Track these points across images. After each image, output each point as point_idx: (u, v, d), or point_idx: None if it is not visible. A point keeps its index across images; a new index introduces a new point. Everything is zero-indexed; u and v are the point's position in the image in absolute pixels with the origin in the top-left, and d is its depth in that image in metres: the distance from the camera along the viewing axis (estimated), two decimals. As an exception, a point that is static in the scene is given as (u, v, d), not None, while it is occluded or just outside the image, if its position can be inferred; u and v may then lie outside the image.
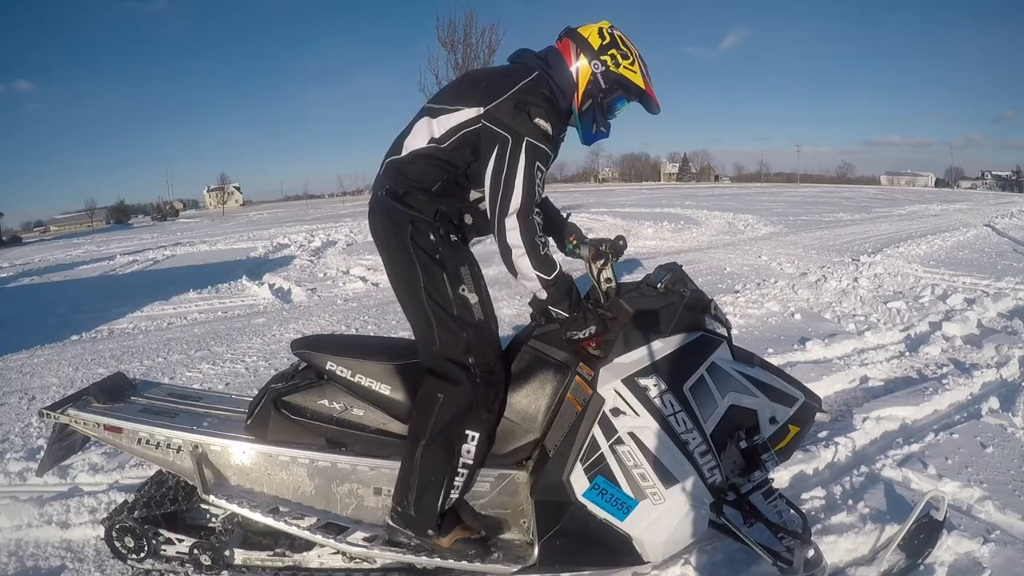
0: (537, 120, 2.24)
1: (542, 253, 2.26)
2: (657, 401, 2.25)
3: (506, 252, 2.25)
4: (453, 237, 2.42)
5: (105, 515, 2.78)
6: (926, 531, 2.58)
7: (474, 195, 2.44)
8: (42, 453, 2.85)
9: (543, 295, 2.31)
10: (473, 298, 2.37)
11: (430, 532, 2.37)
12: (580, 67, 2.39)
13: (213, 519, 2.70)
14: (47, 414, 2.64)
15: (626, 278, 2.65)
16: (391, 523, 2.40)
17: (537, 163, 2.24)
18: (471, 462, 2.36)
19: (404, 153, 2.42)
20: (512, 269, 2.28)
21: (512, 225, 2.21)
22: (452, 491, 2.36)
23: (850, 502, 3.02)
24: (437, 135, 2.36)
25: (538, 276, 2.26)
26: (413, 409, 2.39)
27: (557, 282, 2.29)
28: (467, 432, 2.33)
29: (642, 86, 2.44)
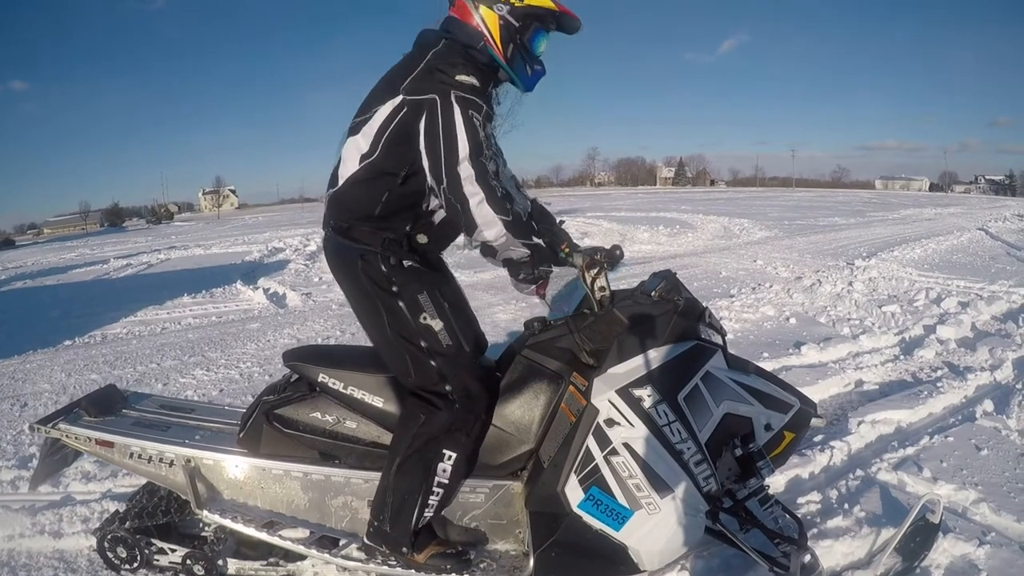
0: (459, 76, 2.16)
1: (499, 194, 2.17)
2: (651, 411, 2.24)
3: (463, 203, 2.13)
4: (407, 263, 2.33)
5: (98, 525, 2.76)
6: (922, 534, 2.58)
7: (430, 205, 2.35)
8: (34, 463, 2.83)
9: (503, 240, 2.20)
10: (437, 325, 2.31)
11: (403, 549, 2.34)
12: (484, 17, 2.28)
13: (206, 528, 2.68)
14: (38, 428, 2.62)
15: (620, 285, 2.64)
16: (367, 540, 2.39)
17: (472, 112, 2.14)
18: (447, 481, 2.33)
19: (340, 183, 2.35)
20: (471, 223, 2.17)
21: (467, 172, 2.11)
22: (427, 509, 2.33)
23: (846, 506, 3.02)
24: (365, 148, 2.28)
25: (501, 219, 2.15)
26: (396, 425, 2.38)
27: (516, 219, 2.20)
28: (444, 452, 2.31)
29: (552, 7, 2.32)
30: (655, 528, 2.25)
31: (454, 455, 2.32)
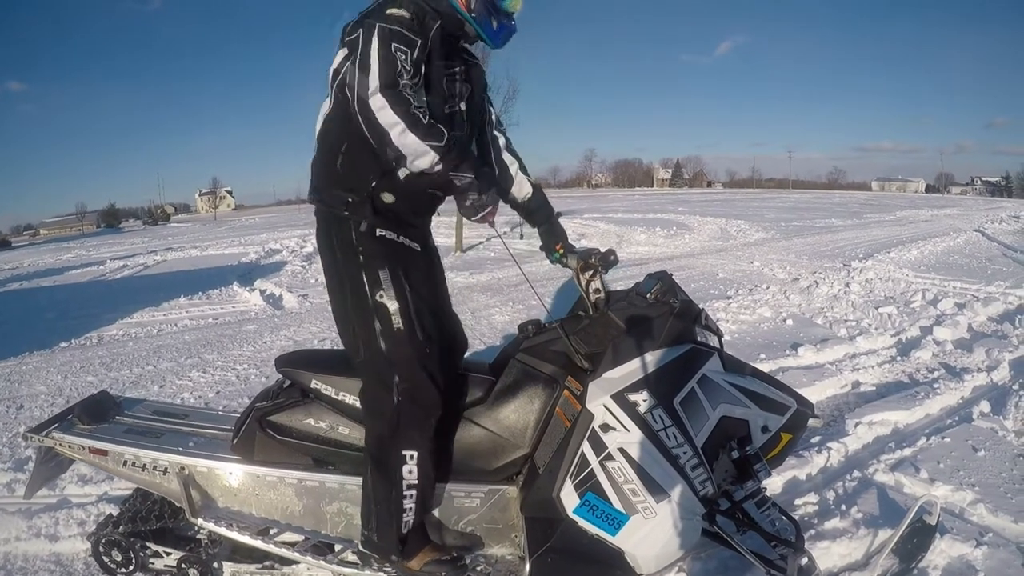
0: (389, 10, 2.05)
1: (426, 122, 2.02)
2: (647, 416, 2.23)
3: (384, 136, 2.00)
4: (380, 232, 2.23)
5: (93, 528, 2.75)
6: (919, 536, 2.58)
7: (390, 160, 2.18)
8: (31, 466, 2.82)
9: (439, 169, 2.09)
10: (392, 305, 2.21)
11: (393, 557, 2.31)
12: None
13: (201, 532, 2.67)
14: (31, 437, 2.60)
15: (616, 286, 2.63)
16: (362, 548, 2.37)
17: (394, 43, 2.01)
18: (416, 482, 2.25)
19: (315, 147, 2.34)
20: (397, 153, 2.04)
21: (380, 103, 1.97)
22: (405, 514, 2.27)
23: (843, 507, 3.02)
24: (327, 108, 2.26)
25: (431, 147, 2.02)
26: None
27: (451, 147, 2.07)
28: (403, 453, 2.23)
29: None
30: (651, 532, 2.24)
31: (415, 453, 2.24)
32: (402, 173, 2.19)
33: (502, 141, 2.68)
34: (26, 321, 8.72)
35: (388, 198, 2.23)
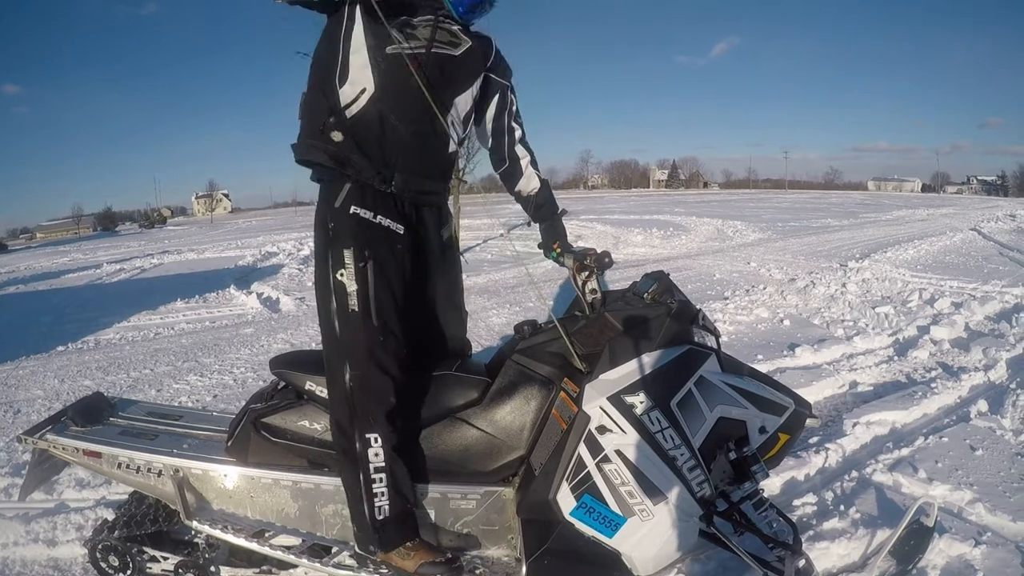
0: None
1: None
2: (644, 418, 2.22)
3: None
4: (355, 209, 2.20)
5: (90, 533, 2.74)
6: (916, 537, 2.57)
7: (344, 95, 2.21)
8: (25, 471, 2.81)
9: None
10: (351, 286, 2.17)
11: (371, 547, 2.28)
12: None
13: (198, 536, 2.66)
14: (25, 439, 2.59)
15: (613, 286, 2.63)
16: (358, 549, 2.35)
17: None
18: (383, 464, 2.21)
19: None
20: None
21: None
22: (377, 499, 2.21)
23: (841, 508, 3.02)
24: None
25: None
26: None
27: None
28: (367, 436, 2.19)
29: None
30: (649, 534, 2.23)
31: (377, 436, 2.20)
32: (350, 112, 2.19)
33: (518, 133, 2.67)
34: (22, 325, 8.69)
35: (337, 136, 2.21)
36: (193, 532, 2.65)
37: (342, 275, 2.17)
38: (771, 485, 3.28)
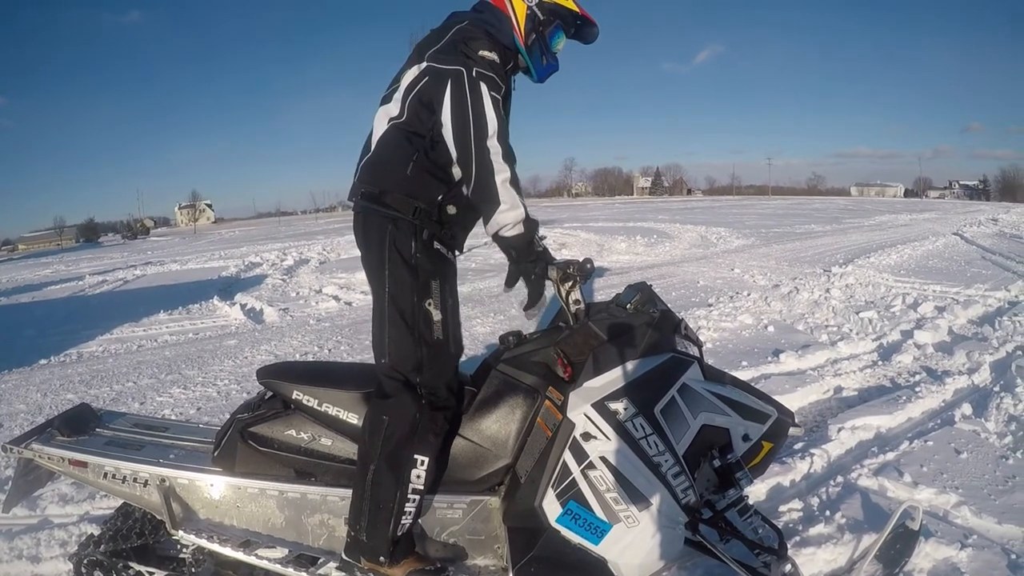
0: (481, 52, 2.23)
1: (518, 180, 2.24)
2: (628, 425, 2.23)
3: (488, 178, 2.18)
4: (437, 245, 2.36)
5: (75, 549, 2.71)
6: (902, 541, 2.59)
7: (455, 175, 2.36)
8: (8, 486, 2.78)
9: (519, 231, 2.25)
10: (437, 315, 2.31)
11: (381, 559, 2.30)
12: (514, 4, 2.41)
13: (184, 551, 2.63)
14: (10, 449, 2.56)
15: (597, 297, 2.63)
16: (345, 555, 2.36)
17: (492, 92, 2.21)
18: (421, 487, 2.30)
19: (372, 148, 2.40)
20: (493, 199, 2.19)
21: (496, 148, 2.17)
22: (403, 517, 2.29)
23: (827, 513, 3.04)
24: (395, 112, 2.34)
25: (524, 205, 2.23)
26: (362, 431, 2.35)
27: (529, 216, 2.27)
28: (416, 457, 2.27)
29: (576, 8, 2.48)
30: (634, 541, 2.24)
31: (426, 459, 2.28)
32: (465, 190, 2.30)
33: None
34: (4, 338, 8.58)
35: (451, 210, 2.37)
36: (179, 546, 2.63)
37: (429, 304, 2.31)
38: (757, 491, 3.30)
